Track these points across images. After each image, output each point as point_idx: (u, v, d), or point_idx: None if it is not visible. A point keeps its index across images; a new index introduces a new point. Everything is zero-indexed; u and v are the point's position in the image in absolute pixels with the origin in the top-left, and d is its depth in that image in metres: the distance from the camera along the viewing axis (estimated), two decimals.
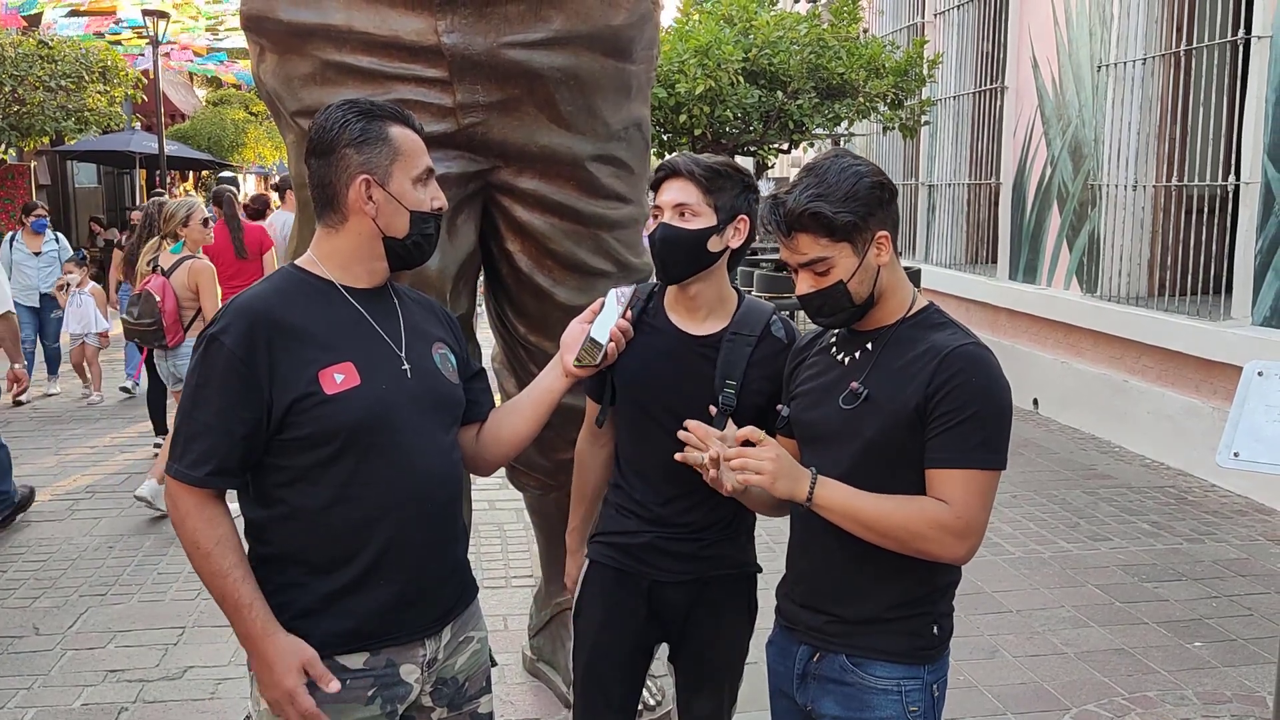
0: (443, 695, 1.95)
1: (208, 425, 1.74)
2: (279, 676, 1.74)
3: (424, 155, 1.88)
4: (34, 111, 13.14)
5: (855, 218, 1.76)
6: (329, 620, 1.80)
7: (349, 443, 1.77)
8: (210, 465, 1.73)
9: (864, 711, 1.85)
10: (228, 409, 1.73)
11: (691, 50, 8.52)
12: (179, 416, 1.79)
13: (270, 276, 1.89)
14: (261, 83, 2.84)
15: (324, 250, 1.88)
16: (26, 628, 4.18)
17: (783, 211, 1.79)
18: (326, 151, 1.83)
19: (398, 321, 1.90)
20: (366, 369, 1.81)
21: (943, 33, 10.07)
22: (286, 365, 1.75)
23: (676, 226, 2.09)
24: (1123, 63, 7.21)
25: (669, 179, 2.12)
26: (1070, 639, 4.08)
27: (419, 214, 1.86)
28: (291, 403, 1.75)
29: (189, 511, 1.75)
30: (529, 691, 3.65)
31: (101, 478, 6.36)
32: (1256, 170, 6.03)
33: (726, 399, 2.11)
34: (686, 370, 2.15)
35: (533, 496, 3.51)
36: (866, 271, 1.81)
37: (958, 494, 1.74)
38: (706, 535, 2.18)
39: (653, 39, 3.03)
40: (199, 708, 3.54)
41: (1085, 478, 6.38)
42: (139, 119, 19.43)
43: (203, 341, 1.77)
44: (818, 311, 1.86)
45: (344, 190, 1.82)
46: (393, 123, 1.85)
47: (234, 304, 1.80)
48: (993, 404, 1.75)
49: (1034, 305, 8.26)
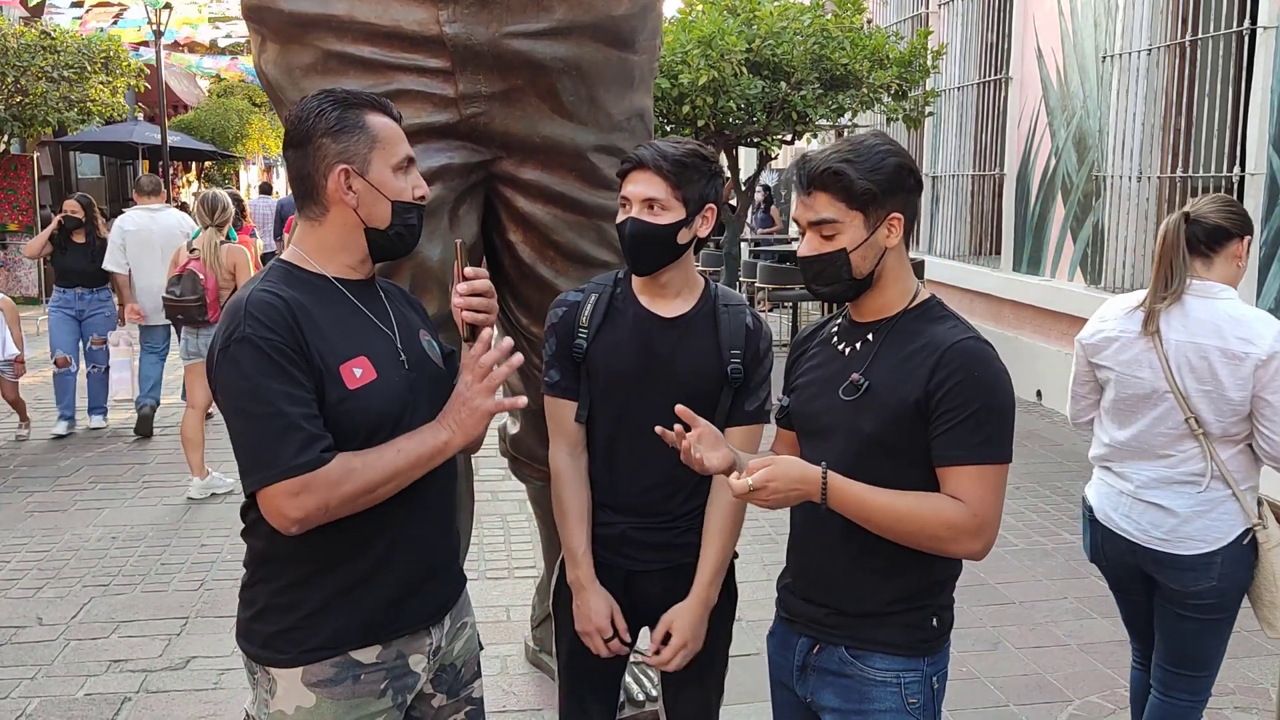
0: (442, 682, 1.96)
1: (290, 414, 1.64)
2: (464, 407, 1.79)
3: (403, 143, 1.83)
4: (37, 102, 13.10)
5: (875, 190, 1.76)
6: (342, 615, 1.78)
7: (367, 436, 1.74)
8: (319, 445, 1.65)
9: (863, 703, 1.86)
10: (299, 394, 1.66)
11: (695, 40, 8.49)
12: (243, 432, 1.67)
13: (266, 273, 1.81)
14: (263, 73, 2.83)
15: (311, 245, 1.83)
16: (30, 618, 4.19)
17: (807, 167, 1.80)
18: (303, 142, 1.78)
19: (388, 313, 1.88)
20: (378, 362, 1.79)
21: (947, 23, 10.03)
22: (315, 357, 1.71)
23: (647, 221, 2.09)
24: (1127, 53, 7.18)
25: (636, 170, 2.11)
26: (1073, 630, 4.08)
27: (401, 204, 1.81)
28: (322, 397, 1.70)
29: (325, 499, 1.65)
30: (531, 682, 3.65)
31: (105, 469, 6.37)
32: (1262, 161, 6.01)
33: (735, 370, 2.14)
34: (661, 351, 2.16)
35: (535, 488, 3.51)
36: (872, 248, 1.80)
37: (970, 490, 1.74)
38: (680, 523, 2.19)
39: (655, 29, 3.02)
40: (202, 698, 3.55)
41: (1089, 469, 6.35)
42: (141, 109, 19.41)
43: (229, 348, 1.67)
44: (815, 277, 1.85)
45: (323, 181, 1.77)
46: (370, 111, 1.80)
47: (245, 306, 1.70)
48: (995, 398, 1.75)
49: (1038, 297, 8.25)
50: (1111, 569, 2.75)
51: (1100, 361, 2.67)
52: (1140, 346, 2.56)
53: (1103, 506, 2.72)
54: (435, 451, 1.77)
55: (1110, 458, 2.72)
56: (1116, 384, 2.63)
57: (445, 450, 1.78)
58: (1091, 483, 2.82)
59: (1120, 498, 2.66)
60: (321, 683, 1.78)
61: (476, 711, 2.04)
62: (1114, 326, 2.64)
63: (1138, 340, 2.57)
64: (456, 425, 1.79)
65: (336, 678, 1.79)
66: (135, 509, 5.58)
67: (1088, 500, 2.81)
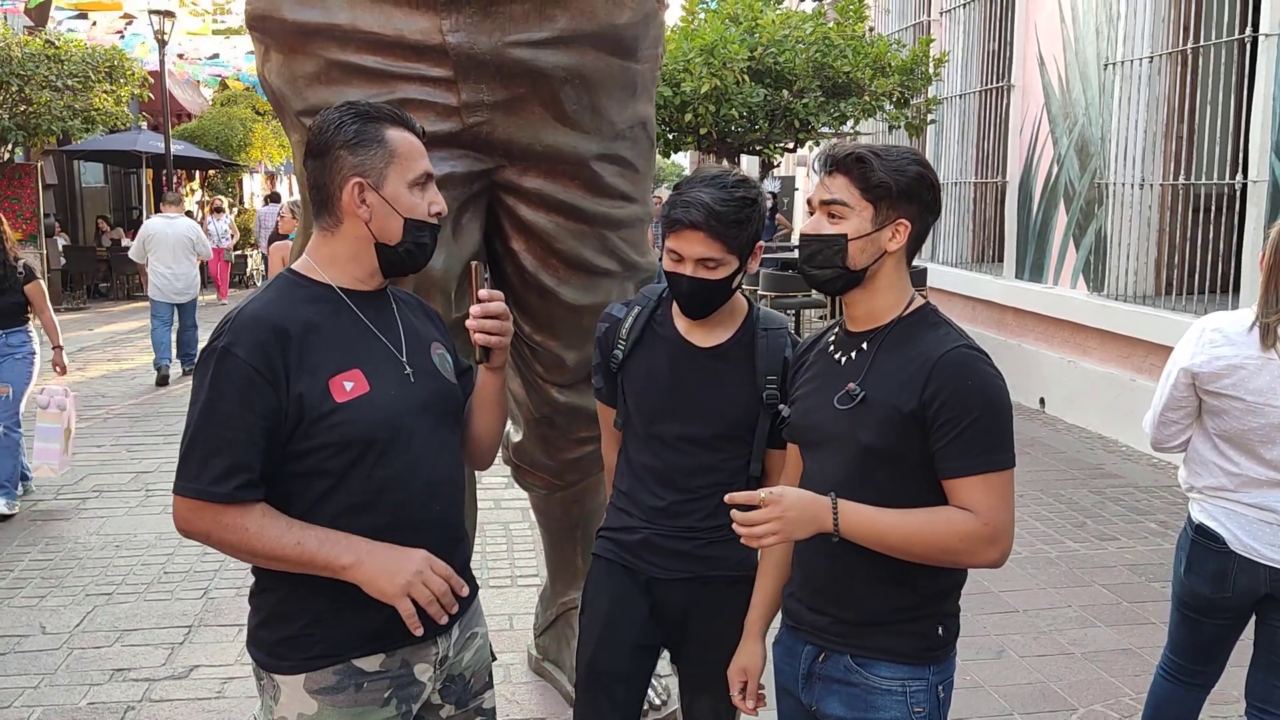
0: (451, 692, 1.96)
1: (229, 440, 1.68)
2: (406, 555, 1.75)
3: (422, 159, 1.83)
4: (41, 111, 13.15)
5: (892, 186, 1.79)
6: (345, 623, 1.78)
7: (361, 450, 1.75)
8: (239, 479, 1.68)
9: (869, 712, 1.85)
10: (251, 421, 1.68)
11: (697, 49, 8.51)
12: (190, 434, 1.71)
13: (270, 284, 1.84)
14: (266, 82, 2.84)
15: (321, 255, 1.84)
16: (33, 626, 4.19)
17: (835, 150, 1.84)
18: (321, 153, 1.79)
19: (397, 325, 1.88)
20: (374, 375, 1.79)
21: (949, 31, 10.05)
22: (298, 374, 1.72)
23: (704, 279, 2.07)
24: (1129, 61, 7.19)
25: (687, 230, 2.04)
26: (1077, 639, 4.07)
27: (413, 221, 1.81)
28: (304, 411, 1.72)
29: (210, 529, 1.70)
30: (534, 691, 3.65)
31: (108, 477, 6.37)
32: (1264, 168, 6.01)
33: (770, 396, 2.13)
34: (691, 380, 2.16)
35: (538, 496, 3.51)
36: (873, 244, 1.81)
37: (979, 500, 1.74)
38: (702, 536, 2.19)
39: (658, 37, 3.02)
40: (205, 707, 3.55)
41: (1092, 477, 6.36)
42: (145, 118, 19.45)
43: (212, 356, 1.71)
44: (809, 258, 1.86)
45: (337, 193, 1.78)
46: (390, 125, 1.80)
47: (239, 316, 1.75)
48: (991, 405, 1.76)
49: (1040, 304, 8.24)
50: (1235, 599, 2.60)
51: (1221, 390, 2.49)
52: (1272, 372, 2.42)
53: (1243, 537, 2.54)
54: (327, 564, 1.72)
55: (1241, 487, 2.54)
56: (1247, 414, 2.47)
57: (338, 571, 1.72)
58: (1207, 512, 2.61)
59: (1266, 527, 2.52)
60: (323, 690, 1.78)
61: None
62: (1234, 354, 2.47)
63: (1267, 366, 2.43)
64: (371, 563, 1.73)
65: (339, 685, 1.79)
66: (138, 517, 5.58)
67: (1211, 529, 2.59)
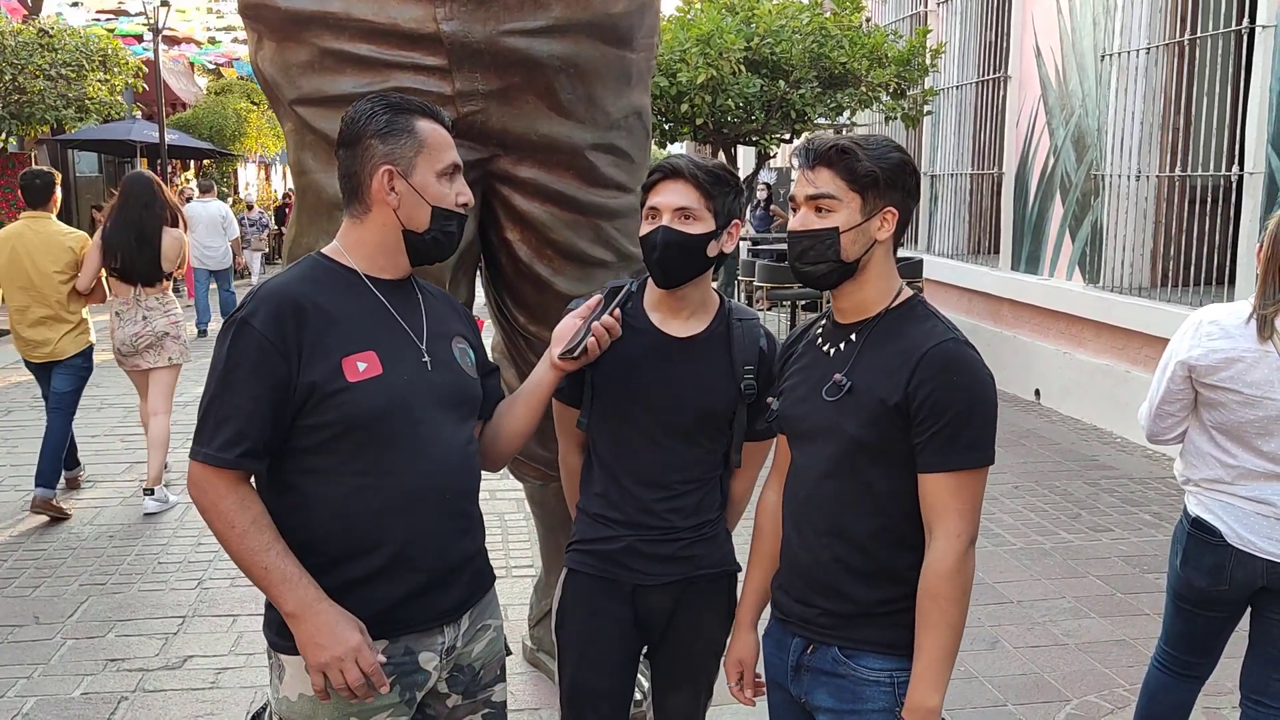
0: (458, 682, 1.97)
1: (240, 408, 1.73)
2: (343, 634, 1.73)
3: (450, 150, 1.89)
4: (34, 100, 13.11)
5: (879, 174, 1.79)
6: (349, 608, 1.79)
7: (369, 432, 1.78)
8: (242, 447, 1.73)
9: (856, 703, 1.85)
10: (260, 392, 1.74)
11: (693, 39, 8.49)
12: (206, 400, 1.77)
13: (298, 263, 1.91)
14: (260, 70, 2.83)
15: (350, 240, 1.90)
16: (27, 617, 4.19)
17: (815, 144, 1.83)
18: (353, 142, 1.85)
19: (420, 314, 1.92)
20: (388, 359, 1.82)
21: (945, 22, 10.03)
22: (312, 350, 1.77)
23: (680, 230, 2.05)
24: (1126, 52, 7.18)
25: (668, 180, 2.08)
26: (1071, 630, 4.08)
27: (441, 209, 1.87)
28: (315, 388, 1.76)
29: (222, 494, 1.74)
30: (529, 681, 3.65)
31: (102, 467, 6.36)
32: (1260, 160, 6.01)
33: (748, 386, 2.12)
34: (668, 371, 2.13)
35: (533, 487, 3.51)
36: (863, 235, 1.81)
37: (948, 502, 1.75)
38: (685, 535, 2.16)
39: (653, 27, 3.01)
40: (198, 697, 3.55)
41: (1087, 468, 6.37)
42: (140, 108, 19.39)
43: (231, 326, 1.78)
44: (801, 254, 1.84)
45: (368, 180, 1.84)
46: (420, 117, 1.86)
47: (262, 289, 1.82)
48: (973, 402, 1.76)
49: (1036, 296, 8.25)
50: (1231, 592, 2.59)
51: (1218, 383, 2.47)
52: (1270, 365, 2.40)
53: (1240, 530, 2.53)
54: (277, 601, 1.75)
55: (1238, 480, 2.53)
56: (1244, 406, 2.45)
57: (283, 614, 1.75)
58: (1204, 505, 2.59)
59: (1263, 520, 2.50)
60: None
61: (495, 715, 2.04)
62: (1232, 346, 2.44)
63: (1264, 359, 2.41)
64: (308, 625, 1.73)
65: None
66: (132, 507, 5.57)
67: (1208, 523, 2.57)
